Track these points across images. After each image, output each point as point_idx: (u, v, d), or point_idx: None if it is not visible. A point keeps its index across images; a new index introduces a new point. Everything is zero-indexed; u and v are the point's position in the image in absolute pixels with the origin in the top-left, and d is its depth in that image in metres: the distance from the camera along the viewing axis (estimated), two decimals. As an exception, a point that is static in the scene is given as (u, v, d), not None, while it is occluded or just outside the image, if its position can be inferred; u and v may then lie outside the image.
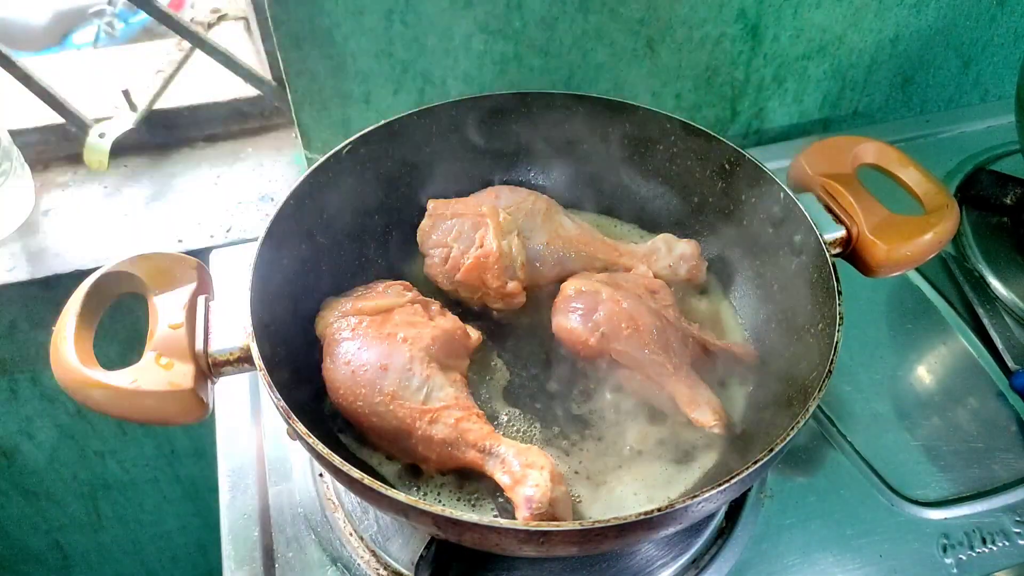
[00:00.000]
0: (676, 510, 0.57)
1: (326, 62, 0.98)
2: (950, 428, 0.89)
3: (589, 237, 0.89)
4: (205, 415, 0.66)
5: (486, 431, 0.71)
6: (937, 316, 1.01)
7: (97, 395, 0.63)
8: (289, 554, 0.77)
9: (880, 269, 0.79)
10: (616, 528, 0.57)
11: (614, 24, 1.05)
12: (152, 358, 0.65)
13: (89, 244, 1.05)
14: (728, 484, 0.59)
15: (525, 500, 0.65)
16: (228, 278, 0.97)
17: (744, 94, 1.21)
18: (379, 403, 0.71)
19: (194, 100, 1.17)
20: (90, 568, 1.51)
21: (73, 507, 1.37)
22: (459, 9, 0.97)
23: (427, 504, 0.57)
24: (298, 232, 0.80)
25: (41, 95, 1.06)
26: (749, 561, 0.78)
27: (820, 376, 0.67)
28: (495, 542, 0.58)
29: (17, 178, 1.05)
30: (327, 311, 0.79)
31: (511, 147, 0.95)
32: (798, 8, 1.12)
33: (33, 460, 1.26)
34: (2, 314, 1.04)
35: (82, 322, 0.67)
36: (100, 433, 1.25)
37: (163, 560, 1.57)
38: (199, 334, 0.68)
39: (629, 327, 0.77)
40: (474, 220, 0.85)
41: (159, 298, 0.70)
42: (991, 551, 0.79)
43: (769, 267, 0.86)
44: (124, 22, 2.32)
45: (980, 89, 1.38)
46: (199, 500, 1.45)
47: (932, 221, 0.80)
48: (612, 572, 0.76)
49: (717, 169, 0.88)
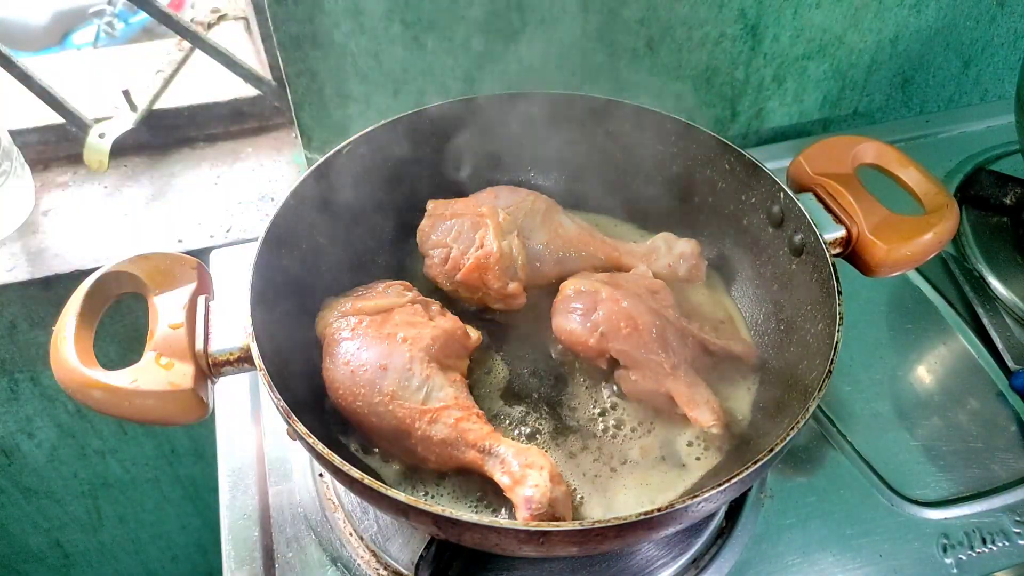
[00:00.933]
0: (676, 510, 0.58)
1: (326, 62, 0.98)
2: (950, 428, 0.90)
3: (589, 237, 0.89)
4: (205, 415, 0.66)
5: (486, 431, 0.71)
6: (937, 316, 1.01)
7: (97, 395, 0.63)
8: (289, 554, 0.77)
9: (880, 269, 0.79)
10: (616, 528, 0.57)
11: (614, 24, 1.05)
12: (152, 358, 0.65)
13: (89, 244, 1.05)
14: (728, 484, 0.59)
15: (524, 501, 0.65)
16: (228, 278, 0.97)
17: (744, 94, 1.21)
18: (378, 403, 0.71)
19: (194, 100, 1.17)
20: (90, 567, 1.51)
21: (73, 506, 1.37)
22: (459, 9, 0.97)
23: (427, 504, 0.57)
24: (298, 232, 0.80)
25: (41, 95, 1.06)
26: (749, 561, 0.78)
27: (820, 376, 0.67)
28: (495, 542, 0.58)
29: (17, 178, 1.05)
30: (327, 311, 0.79)
31: (510, 147, 0.95)
32: (798, 8, 1.12)
33: (33, 459, 1.26)
34: (2, 314, 1.04)
35: (82, 322, 0.67)
36: (100, 432, 1.25)
37: (163, 560, 1.57)
38: (199, 334, 0.68)
39: (628, 326, 0.77)
40: (473, 220, 0.85)
41: (159, 298, 0.70)
42: (991, 551, 0.79)
43: (769, 267, 0.86)
44: (124, 22, 2.32)
45: (980, 89, 1.38)
46: (199, 500, 1.45)
47: (932, 221, 0.80)
48: (612, 572, 0.76)
49: (717, 169, 0.88)
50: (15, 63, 1.04)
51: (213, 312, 0.70)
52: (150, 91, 1.11)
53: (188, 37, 1.08)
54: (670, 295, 0.84)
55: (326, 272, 0.84)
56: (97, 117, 1.12)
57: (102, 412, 0.64)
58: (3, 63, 1.04)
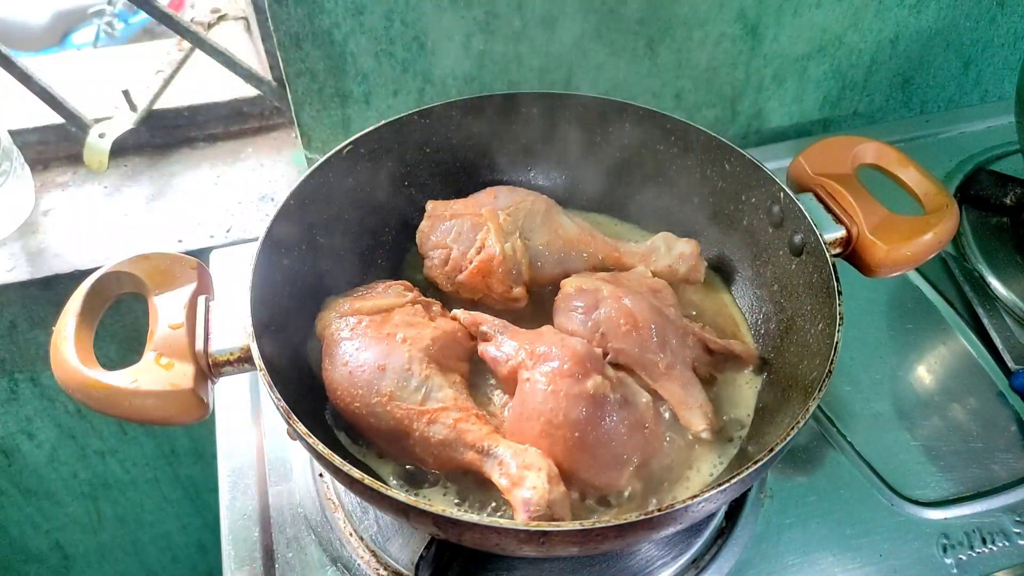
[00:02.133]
0: (676, 510, 0.58)
1: (326, 62, 0.98)
2: (950, 428, 0.90)
3: (589, 237, 0.89)
4: (206, 415, 0.66)
5: (484, 432, 0.70)
6: (937, 316, 1.01)
7: (97, 395, 0.63)
8: (289, 554, 0.77)
9: (880, 269, 0.79)
10: (616, 528, 0.57)
11: (614, 24, 1.05)
12: (152, 358, 0.65)
13: (89, 244, 1.05)
14: (728, 484, 0.59)
15: (522, 503, 0.64)
16: (228, 278, 0.97)
17: (744, 94, 1.21)
18: (376, 404, 0.71)
19: (194, 100, 1.18)
20: (90, 568, 1.51)
21: (73, 507, 1.37)
22: (459, 9, 0.97)
23: (427, 504, 0.57)
24: (298, 232, 0.80)
25: (41, 95, 1.06)
26: (749, 561, 0.78)
27: (820, 376, 0.67)
28: (495, 542, 0.58)
29: (17, 178, 1.05)
30: (327, 311, 0.79)
31: (510, 147, 0.95)
32: (798, 8, 1.12)
33: (33, 460, 1.26)
34: (2, 314, 1.04)
35: (82, 322, 0.67)
36: (100, 433, 1.25)
37: (163, 560, 1.57)
38: (199, 334, 0.68)
39: (627, 323, 0.77)
40: (473, 221, 0.85)
41: (159, 298, 0.70)
42: (991, 551, 0.79)
43: (769, 267, 0.86)
44: (124, 22, 2.32)
45: (980, 89, 1.38)
46: (199, 500, 1.45)
47: (932, 221, 0.80)
48: (612, 572, 0.76)
49: (717, 169, 0.88)
50: (15, 63, 1.04)
51: (213, 312, 0.70)
52: (150, 91, 1.11)
53: (188, 37, 1.08)
54: (672, 294, 0.84)
55: (326, 272, 0.84)
56: (97, 117, 1.12)
57: (102, 412, 0.64)
58: (3, 63, 1.04)
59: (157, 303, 0.69)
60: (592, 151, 0.95)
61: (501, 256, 0.82)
